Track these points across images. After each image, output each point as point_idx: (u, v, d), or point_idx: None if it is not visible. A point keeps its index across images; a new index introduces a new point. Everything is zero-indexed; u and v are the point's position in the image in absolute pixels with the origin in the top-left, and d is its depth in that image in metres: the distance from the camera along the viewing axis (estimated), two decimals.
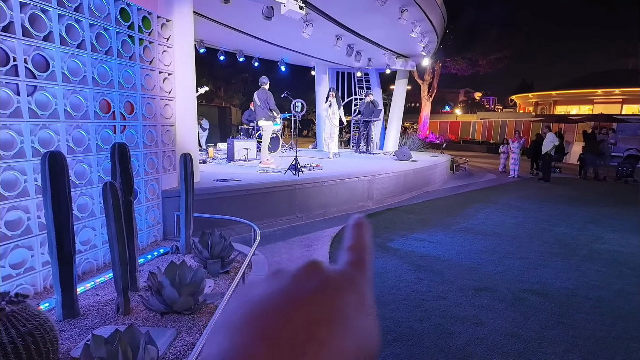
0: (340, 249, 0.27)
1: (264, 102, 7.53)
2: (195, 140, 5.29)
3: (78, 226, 3.34)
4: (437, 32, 9.37)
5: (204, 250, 3.45)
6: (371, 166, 8.07)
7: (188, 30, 4.88)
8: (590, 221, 6.45)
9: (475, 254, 4.63)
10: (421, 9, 7.27)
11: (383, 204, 7.27)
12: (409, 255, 4.53)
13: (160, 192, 4.48)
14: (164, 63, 4.45)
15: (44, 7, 3.01)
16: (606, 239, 5.41)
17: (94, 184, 3.50)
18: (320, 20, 7.68)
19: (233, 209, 5.00)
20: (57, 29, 3.10)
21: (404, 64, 11.82)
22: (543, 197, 8.65)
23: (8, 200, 2.81)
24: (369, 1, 6.38)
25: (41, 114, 3.01)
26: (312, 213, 6.13)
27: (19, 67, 2.84)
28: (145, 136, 4.17)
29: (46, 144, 3.06)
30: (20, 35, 2.83)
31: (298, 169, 6.30)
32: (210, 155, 8.78)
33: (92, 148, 3.47)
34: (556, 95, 37.13)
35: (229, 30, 8.99)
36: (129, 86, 3.89)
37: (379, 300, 3.36)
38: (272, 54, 12.30)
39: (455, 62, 22.79)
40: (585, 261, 4.50)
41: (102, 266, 3.60)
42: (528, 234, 5.59)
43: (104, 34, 3.55)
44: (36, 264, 3.01)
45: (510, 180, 11.45)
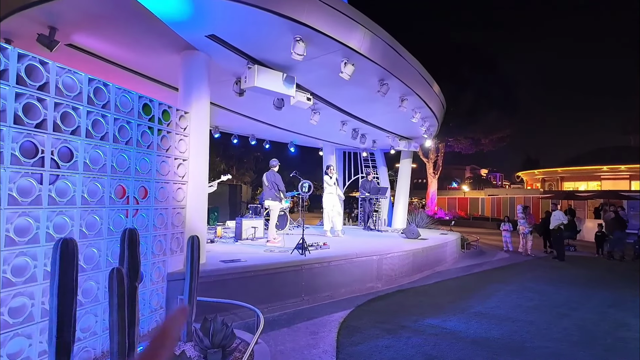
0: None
1: (271, 184, 7.78)
2: (204, 221, 5.41)
3: (80, 312, 3.31)
4: (437, 117, 9.92)
5: (205, 339, 3.33)
6: (379, 245, 8.00)
7: (204, 120, 5.29)
8: (611, 305, 6.11)
9: (491, 343, 4.35)
10: (420, 98, 7.81)
11: (393, 285, 7.05)
12: (422, 344, 4.28)
13: (165, 275, 4.47)
14: (179, 150, 4.76)
15: (75, 105, 3.34)
16: (631, 326, 5.08)
17: (101, 268, 3.53)
18: (327, 109, 8.26)
19: (238, 291, 4.91)
20: (84, 124, 3.40)
21: (408, 144, 12.33)
22: (558, 278, 8.32)
23: (16, 286, 2.84)
24: (371, 92, 6.92)
25: (59, 200, 3.17)
26: (319, 295, 5.96)
27: (46, 158, 3.07)
28: (156, 219, 4.29)
29: (61, 229, 3.17)
30: (50, 130, 3.11)
31: (305, 249, 6.28)
32: (218, 234, 8.84)
33: (103, 232, 3.57)
34: (562, 172, 37.56)
35: (242, 118, 9.67)
36: (144, 172, 4.12)
37: None
38: (283, 137, 13.01)
39: (458, 141, 23.66)
40: (610, 352, 4.19)
41: (100, 355, 3.47)
42: (545, 319, 5.29)
43: (126, 126, 3.88)
44: (33, 354, 2.92)
45: (524, 260, 11.12)
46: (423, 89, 7.79)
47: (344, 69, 5.55)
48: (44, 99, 3.09)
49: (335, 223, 9.72)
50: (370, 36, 5.58)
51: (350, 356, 3.90)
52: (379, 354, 3.96)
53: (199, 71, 5.38)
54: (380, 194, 12.04)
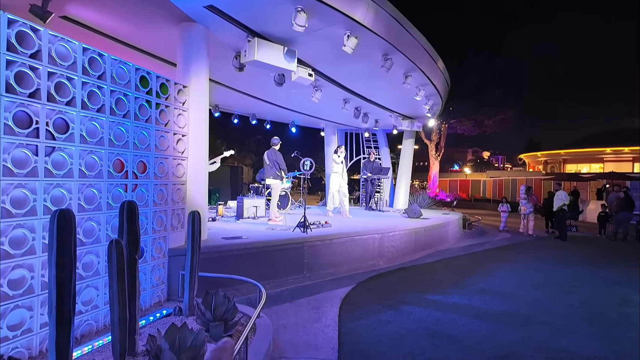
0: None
1: (272, 162, 7.70)
2: (205, 197, 5.35)
3: (81, 285, 3.28)
4: (441, 95, 9.74)
5: (207, 312, 3.31)
6: (381, 223, 7.96)
7: (203, 95, 5.17)
8: (615, 282, 6.10)
9: (494, 318, 4.35)
10: (424, 75, 7.63)
11: (395, 263, 7.05)
12: (424, 318, 4.27)
13: (167, 251, 4.44)
14: (178, 125, 4.66)
15: (70, 75, 3.23)
16: (636, 302, 5.06)
17: (101, 242, 3.49)
18: (329, 86, 8.09)
19: (239, 268, 4.89)
20: (79, 95, 3.30)
21: (410, 124, 12.17)
22: (562, 257, 8.30)
23: (14, 258, 2.79)
24: (374, 68, 6.75)
25: (56, 173, 3.10)
26: (321, 272, 5.96)
27: (41, 129, 2.98)
28: (156, 194, 4.23)
29: (58, 201, 3.11)
30: (45, 100, 3.01)
31: (306, 226, 6.25)
32: (219, 213, 8.82)
33: (102, 206, 3.52)
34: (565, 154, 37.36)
35: (242, 95, 9.51)
36: (143, 147, 4.04)
37: None
38: (284, 117, 12.85)
39: (461, 123, 23.39)
40: (615, 327, 4.18)
41: (102, 328, 3.46)
42: (550, 296, 5.28)
43: (123, 99, 3.77)
44: (34, 326, 2.90)
45: (526, 239, 11.12)
46: (427, 65, 7.61)
47: (346, 42, 5.38)
48: (36, 67, 2.98)
49: (344, 205, 9.43)
50: (374, 8, 5.39)
51: (353, 330, 3.89)
52: (381, 329, 3.96)
53: (197, 44, 5.23)
54: (382, 175, 11.96)
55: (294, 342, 3.62)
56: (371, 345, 3.56)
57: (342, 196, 9.45)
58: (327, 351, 3.42)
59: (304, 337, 3.75)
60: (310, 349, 3.45)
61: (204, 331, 2.97)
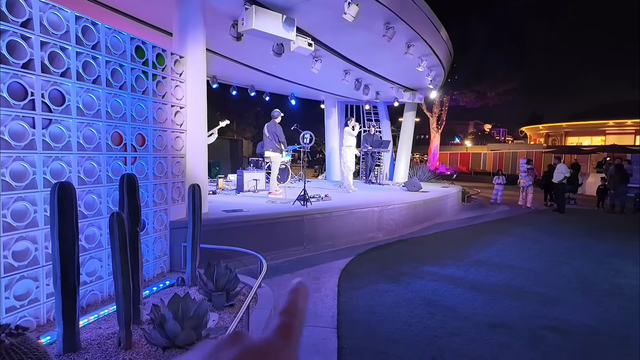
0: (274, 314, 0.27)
1: (272, 135, 7.65)
2: (205, 171, 5.36)
3: (85, 257, 3.34)
4: (444, 66, 9.55)
5: (209, 282, 3.39)
6: (381, 197, 8.01)
7: (200, 66, 5.06)
8: (610, 254, 6.20)
9: (489, 288, 4.45)
10: (427, 44, 7.45)
11: (393, 235, 7.14)
12: (421, 288, 4.38)
13: (168, 223, 4.49)
14: (176, 97, 4.59)
15: (64, 45, 3.16)
16: (628, 273, 5.17)
17: (102, 215, 3.52)
18: (329, 56, 7.91)
19: (241, 240, 4.96)
20: (74, 65, 3.23)
21: (412, 96, 12.00)
22: (559, 229, 8.41)
23: (17, 230, 2.83)
24: (376, 37, 6.58)
25: (54, 146, 3.09)
26: (321, 244, 6.05)
27: (36, 101, 2.94)
28: (156, 167, 4.23)
29: (58, 175, 3.11)
30: (39, 71, 2.96)
31: (306, 200, 6.28)
32: (220, 186, 8.85)
33: (102, 179, 3.52)
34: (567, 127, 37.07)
35: (241, 67, 9.32)
36: (141, 119, 4.00)
37: (389, 337, 3.21)
38: (283, 89, 12.64)
39: (463, 95, 23.07)
40: (607, 296, 4.28)
41: (107, 298, 3.55)
42: (545, 267, 5.39)
43: (119, 70, 3.70)
44: (40, 296, 2.98)
45: (524, 212, 11.22)
46: (430, 34, 7.41)
47: (347, 10, 5.22)
48: (28, 37, 2.90)
49: (350, 179, 9.23)
50: None
51: (351, 299, 4.00)
52: (379, 298, 4.06)
53: (194, 12, 5.07)
54: (383, 148, 11.91)
55: None
56: (369, 314, 3.66)
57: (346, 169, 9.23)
58: (327, 319, 3.52)
59: None
60: (310, 317, 3.55)
61: (207, 301, 3.06)
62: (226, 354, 0.23)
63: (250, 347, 0.23)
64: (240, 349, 0.23)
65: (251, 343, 0.24)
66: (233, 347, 0.23)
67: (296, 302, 0.28)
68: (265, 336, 0.25)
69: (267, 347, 0.24)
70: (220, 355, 0.22)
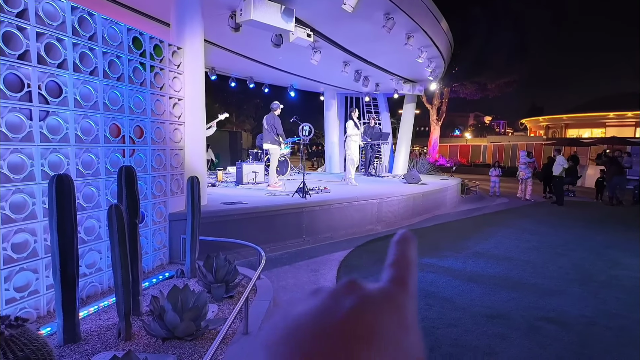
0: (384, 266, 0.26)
1: (271, 127, 7.62)
2: (203, 162, 5.35)
3: (84, 249, 3.35)
4: (444, 57, 9.49)
5: (209, 274, 3.40)
6: (380, 189, 8.02)
7: (199, 58, 5.02)
8: (608, 246, 6.23)
9: (487, 280, 4.48)
10: (427, 35, 7.39)
11: (392, 228, 7.16)
12: (419, 280, 4.36)
13: (167, 215, 4.49)
14: (174, 89, 4.56)
15: (60, 36, 3.13)
16: (626, 265, 5.20)
17: (101, 207, 3.52)
18: (328, 47, 7.85)
19: (240, 232, 4.97)
20: (71, 56, 3.21)
21: (412, 88, 11.94)
22: (557, 221, 8.43)
23: (16, 222, 2.83)
24: (376, 28, 6.52)
25: (52, 138, 3.08)
26: (320, 236, 6.06)
27: (33, 93, 2.92)
28: (154, 160, 4.22)
29: (56, 167, 3.11)
30: (35, 63, 2.93)
31: (305, 192, 6.29)
32: (219, 178, 8.84)
33: (100, 171, 3.52)
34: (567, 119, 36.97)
35: (240, 58, 9.25)
36: (139, 111, 3.98)
37: None
38: (282, 80, 12.57)
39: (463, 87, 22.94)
40: (604, 288, 4.31)
41: (107, 290, 3.57)
42: (543, 259, 5.41)
43: (116, 61, 3.67)
44: (40, 287, 2.99)
45: (523, 204, 11.24)
46: (430, 25, 7.35)
47: (346, 0, 5.16)
48: (24, 27, 2.88)
49: (353, 171, 9.09)
50: None
51: None
52: None
53: (191, 3, 5.00)
54: (382, 140, 11.88)
55: None
56: None
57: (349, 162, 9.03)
58: None
59: None
60: None
61: (206, 292, 3.07)
62: (343, 301, 0.22)
63: (368, 296, 0.23)
64: (358, 296, 0.22)
65: (368, 292, 0.23)
66: (349, 295, 0.22)
67: (404, 253, 0.27)
68: (381, 286, 0.24)
69: (384, 294, 0.23)
70: (337, 303, 0.22)
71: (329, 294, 0.23)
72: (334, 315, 0.21)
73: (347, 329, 0.20)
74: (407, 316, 0.23)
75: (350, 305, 0.22)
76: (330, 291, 0.23)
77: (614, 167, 11.52)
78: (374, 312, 0.22)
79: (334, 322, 0.21)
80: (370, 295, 0.23)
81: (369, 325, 0.21)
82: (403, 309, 0.23)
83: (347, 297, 0.22)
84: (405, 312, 0.23)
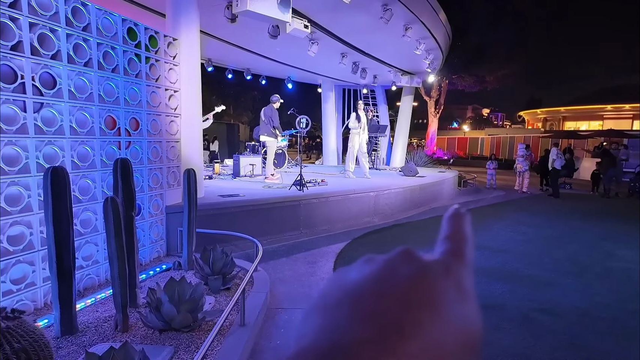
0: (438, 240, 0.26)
1: (268, 119, 7.59)
2: (200, 156, 5.33)
3: (80, 242, 3.34)
4: (442, 49, 9.44)
5: (205, 267, 3.42)
6: (377, 182, 8.02)
7: (195, 49, 4.98)
8: (603, 238, 6.27)
9: (483, 271, 4.51)
10: (425, 27, 7.34)
11: (389, 220, 7.18)
12: None
13: (164, 208, 4.49)
14: (170, 80, 4.53)
15: (53, 27, 3.09)
16: (620, 257, 5.24)
17: (97, 200, 3.51)
18: (326, 39, 7.79)
19: (237, 225, 4.98)
20: (65, 47, 3.17)
21: (410, 80, 11.90)
22: (553, 214, 8.48)
23: (11, 215, 2.82)
24: (373, 19, 6.47)
25: (47, 130, 3.06)
26: (317, 229, 6.08)
27: (27, 84, 2.90)
28: (150, 152, 4.20)
29: (51, 159, 3.09)
30: (28, 54, 2.90)
31: (303, 185, 6.29)
32: (216, 171, 8.83)
33: (96, 164, 3.50)
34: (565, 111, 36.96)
35: (236, 49, 9.18)
36: (134, 103, 3.95)
37: None
38: (279, 72, 12.49)
39: (462, 79, 22.86)
40: (598, 279, 4.35)
41: (104, 282, 3.58)
42: (538, 251, 5.45)
43: (111, 52, 3.63)
44: (37, 280, 3.00)
45: (520, 197, 11.28)
46: (429, 17, 7.30)
47: None
48: (17, 17, 2.84)
49: (365, 164, 8.97)
50: None
51: None
52: None
53: None
54: (380, 132, 11.86)
55: (290, 294, 3.77)
56: None
57: (360, 156, 8.90)
58: None
59: (299, 289, 3.89)
60: (306, 300, 3.60)
61: (203, 284, 3.08)
62: (401, 269, 0.22)
63: (425, 265, 0.22)
64: (415, 265, 0.22)
65: (425, 261, 0.23)
66: (406, 264, 0.22)
67: (460, 227, 0.26)
68: (437, 257, 0.24)
69: (442, 266, 0.23)
70: (394, 271, 0.21)
71: (384, 263, 0.22)
72: (392, 282, 0.21)
73: (407, 295, 0.20)
74: (464, 287, 0.23)
75: (408, 273, 0.21)
76: (385, 259, 0.23)
77: (608, 159, 11.57)
78: (432, 281, 0.21)
79: (394, 288, 0.20)
80: (427, 266, 0.22)
81: (428, 294, 0.20)
82: (460, 280, 0.23)
83: (404, 265, 0.22)
84: (463, 283, 0.23)
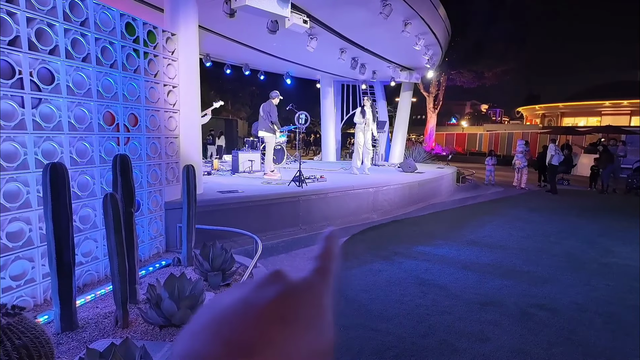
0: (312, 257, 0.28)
1: (266, 114, 7.57)
2: (199, 151, 5.32)
3: (80, 238, 3.34)
4: (441, 44, 9.41)
5: (205, 263, 3.42)
6: (376, 178, 8.03)
7: (193, 44, 4.95)
8: (600, 234, 6.31)
9: (481, 268, 4.53)
10: (425, 22, 7.32)
11: (388, 216, 7.20)
12: (414, 268, 4.45)
13: (163, 204, 4.48)
14: (168, 76, 4.51)
15: (51, 21, 3.06)
16: (617, 253, 5.28)
17: (96, 196, 3.51)
18: (325, 34, 7.76)
19: (236, 221, 4.98)
20: (62, 43, 3.15)
21: (409, 76, 11.88)
22: (551, 210, 8.51)
23: (10, 211, 2.82)
24: (373, 14, 6.44)
25: (45, 126, 3.04)
26: (316, 225, 6.09)
27: (24, 80, 2.88)
28: (149, 148, 4.19)
29: (50, 155, 3.08)
30: (26, 49, 2.88)
31: (302, 181, 6.29)
32: (215, 167, 8.82)
33: (95, 160, 3.49)
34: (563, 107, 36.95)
35: (235, 44, 9.13)
36: (133, 99, 3.93)
37: (381, 315, 3.28)
38: (278, 67, 12.44)
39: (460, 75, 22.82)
40: (595, 275, 4.38)
41: (104, 278, 3.58)
42: (536, 247, 5.48)
43: (109, 47, 3.61)
44: (37, 276, 3.00)
45: (518, 193, 11.32)
46: (428, 12, 7.27)
47: None
48: (14, 12, 2.81)
49: (366, 160, 8.87)
50: None
51: (345, 278, 4.06)
52: (372, 277, 4.13)
53: None
54: (379, 128, 11.84)
55: None
56: (362, 292, 3.73)
57: (364, 151, 8.75)
58: None
59: None
60: None
61: (203, 280, 3.09)
62: (268, 290, 0.23)
63: (291, 284, 0.24)
64: (281, 285, 0.24)
65: (291, 280, 0.25)
66: (274, 284, 0.24)
67: (330, 247, 0.29)
68: (303, 275, 0.26)
69: (306, 284, 0.25)
70: (262, 292, 0.23)
71: (255, 284, 0.24)
72: (256, 303, 0.23)
73: (267, 313, 0.22)
74: (323, 302, 0.25)
75: (273, 293, 0.23)
76: (256, 282, 0.25)
77: (605, 155, 11.61)
78: (294, 297, 0.23)
79: (255, 308, 0.22)
80: (292, 285, 0.24)
81: (288, 309, 0.23)
82: (320, 295, 0.25)
83: (271, 286, 0.24)
84: (323, 298, 0.25)
